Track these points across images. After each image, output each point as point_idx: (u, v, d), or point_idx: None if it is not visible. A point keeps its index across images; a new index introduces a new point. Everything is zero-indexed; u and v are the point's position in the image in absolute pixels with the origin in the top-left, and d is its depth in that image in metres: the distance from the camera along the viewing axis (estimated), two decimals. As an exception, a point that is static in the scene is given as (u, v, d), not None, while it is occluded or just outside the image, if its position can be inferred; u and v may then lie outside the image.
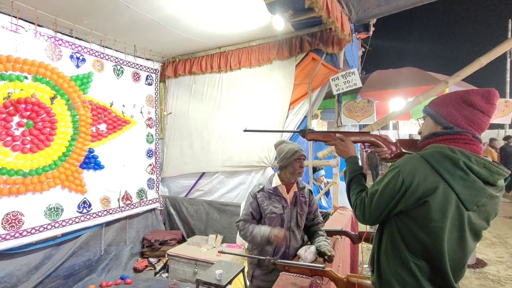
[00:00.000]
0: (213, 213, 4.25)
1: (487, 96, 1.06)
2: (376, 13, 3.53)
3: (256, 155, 3.89)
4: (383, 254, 1.14)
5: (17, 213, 2.84)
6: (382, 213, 1.11)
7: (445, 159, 1.01)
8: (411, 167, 1.04)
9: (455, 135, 1.07)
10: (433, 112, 1.15)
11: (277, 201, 2.01)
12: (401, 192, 1.03)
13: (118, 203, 3.86)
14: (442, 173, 0.99)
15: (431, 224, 0.99)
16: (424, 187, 0.99)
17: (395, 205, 1.06)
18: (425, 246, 1.02)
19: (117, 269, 3.83)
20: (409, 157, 1.08)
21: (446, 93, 1.17)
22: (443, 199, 0.98)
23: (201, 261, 3.57)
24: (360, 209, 1.19)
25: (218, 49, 4.25)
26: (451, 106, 1.10)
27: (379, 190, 1.11)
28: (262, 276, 1.99)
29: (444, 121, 1.11)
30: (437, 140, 1.12)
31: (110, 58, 3.77)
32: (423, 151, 1.09)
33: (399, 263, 1.07)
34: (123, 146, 3.95)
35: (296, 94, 3.80)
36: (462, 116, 1.07)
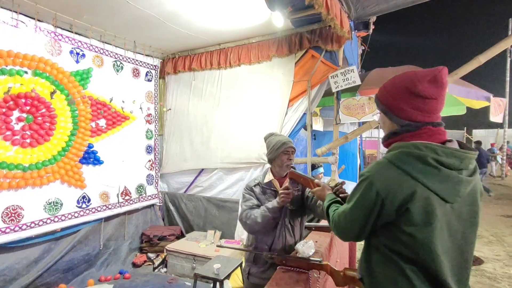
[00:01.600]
0: (212, 209, 4.27)
1: (434, 80, 0.99)
2: (375, 11, 3.54)
3: (255, 152, 3.91)
4: (375, 264, 1.07)
5: (17, 207, 2.86)
6: (361, 227, 1.04)
7: (413, 159, 0.96)
8: (382, 176, 0.98)
9: (415, 131, 1.02)
10: (385, 109, 1.10)
11: (272, 196, 1.99)
12: (379, 205, 0.97)
13: (117, 199, 3.88)
14: (415, 176, 0.93)
15: (418, 230, 0.94)
16: (401, 196, 0.93)
17: (376, 219, 1.00)
18: (417, 252, 0.96)
19: (116, 264, 3.85)
20: (378, 165, 1.02)
21: (391, 82, 1.08)
22: (423, 202, 0.93)
23: (200, 256, 3.60)
24: (336, 226, 1.15)
25: (217, 45, 4.25)
26: (400, 101, 1.03)
27: (352, 204, 1.06)
28: (259, 274, 1.98)
29: (398, 119, 1.05)
30: (397, 139, 1.06)
31: (110, 54, 3.77)
32: (389, 154, 1.02)
33: (395, 272, 1.00)
34: (123, 142, 3.96)
35: (295, 91, 3.81)
36: (414, 109, 1.01)
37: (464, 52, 9.71)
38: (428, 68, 1.03)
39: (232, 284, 3.36)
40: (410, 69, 4.66)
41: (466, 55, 3.09)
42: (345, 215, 1.10)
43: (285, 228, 1.99)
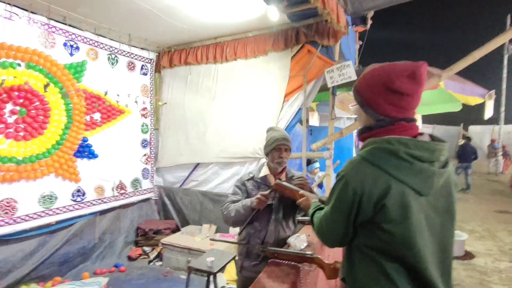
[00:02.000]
0: (207, 204, 4.29)
1: (413, 76, 0.98)
2: (371, 6, 3.54)
3: (251, 147, 3.91)
4: (357, 264, 1.06)
5: (11, 200, 2.86)
6: (344, 228, 1.03)
7: (386, 154, 0.96)
8: (357, 173, 0.98)
9: (388, 126, 1.01)
10: (362, 101, 1.08)
11: (266, 191, 1.97)
12: (356, 203, 0.97)
13: (113, 192, 3.88)
14: (388, 170, 0.93)
15: (395, 226, 0.93)
16: (377, 191, 0.93)
17: (355, 217, 1.00)
18: (397, 248, 0.95)
19: (111, 257, 3.87)
20: (352, 163, 1.02)
21: (370, 74, 1.06)
22: (399, 196, 0.92)
23: (195, 250, 3.62)
24: (319, 231, 1.15)
25: (214, 39, 4.23)
26: (377, 95, 1.02)
27: (331, 206, 1.06)
28: (251, 267, 1.99)
29: (374, 114, 1.04)
30: (371, 134, 1.05)
31: (104, 47, 3.74)
32: (362, 151, 1.02)
33: (376, 271, 0.99)
34: (118, 136, 3.95)
35: (291, 86, 3.81)
36: (390, 105, 1.00)
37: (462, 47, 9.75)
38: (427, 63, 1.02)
39: (226, 277, 3.40)
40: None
41: (464, 50, 3.09)
42: (326, 218, 1.10)
43: (278, 222, 2.01)
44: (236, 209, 1.94)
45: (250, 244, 1.97)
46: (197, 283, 3.31)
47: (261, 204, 1.86)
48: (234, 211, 1.95)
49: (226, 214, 2.00)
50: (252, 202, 1.88)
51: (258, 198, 1.85)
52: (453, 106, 5.14)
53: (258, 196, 1.85)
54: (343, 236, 1.06)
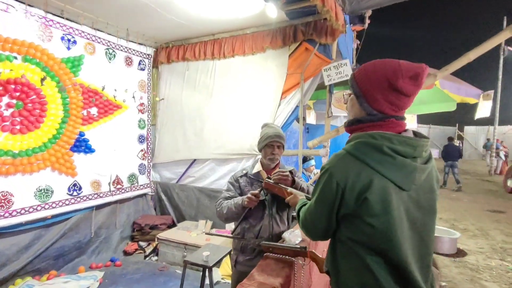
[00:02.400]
0: (204, 199, 4.30)
1: (416, 77, 0.98)
2: (369, 5, 3.55)
3: (248, 143, 3.93)
4: (339, 257, 1.08)
5: (7, 193, 2.86)
6: (327, 220, 1.05)
7: (369, 148, 0.97)
8: (341, 167, 0.99)
9: (379, 121, 1.02)
10: (359, 92, 1.06)
11: (259, 187, 2.01)
12: (339, 196, 0.98)
13: (109, 187, 3.89)
14: (371, 164, 0.95)
15: (377, 219, 0.94)
16: (360, 185, 0.95)
17: (338, 210, 1.01)
18: (378, 241, 0.96)
19: (107, 252, 3.88)
20: (337, 156, 1.03)
21: (373, 67, 1.04)
22: (381, 190, 0.94)
23: (191, 245, 3.64)
24: (303, 224, 1.16)
25: (212, 36, 4.23)
26: (377, 91, 1.01)
27: (316, 198, 1.07)
28: (246, 262, 2.01)
29: (369, 108, 1.04)
30: (360, 127, 1.06)
31: (102, 42, 3.73)
32: (347, 146, 1.03)
33: (358, 263, 1.01)
34: (115, 131, 3.95)
35: (288, 84, 3.83)
36: (387, 102, 1.01)
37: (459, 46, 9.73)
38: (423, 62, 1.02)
39: (222, 272, 3.43)
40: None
41: (461, 49, 3.12)
42: (310, 211, 1.12)
43: (273, 217, 2.03)
44: (228, 206, 1.98)
45: (245, 239, 2.00)
46: (193, 278, 3.34)
47: (251, 203, 1.89)
48: (226, 209, 1.98)
49: (219, 210, 2.04)
50: (243, 200, 1.91)
51: (248, 198, 1.88)
52: (448, 106, 5.20)
53: (249, 196, 1.88)
54: (326, 228, 1.07)
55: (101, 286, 3.19)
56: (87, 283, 3.11)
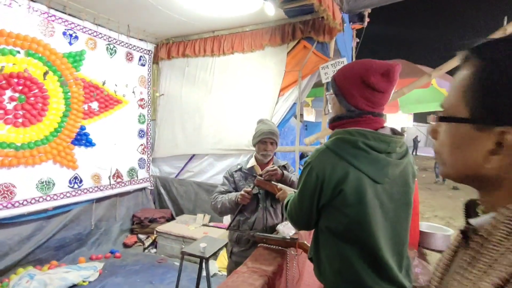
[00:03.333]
0: (202, 194, 4.38)
1: (387, 75, 1.05)
2: (367, 4, 3.60)
3: (246, 139, 3.99)
4: (320, 246, 1.16)
5: (9, 185, 2.93)
6: (309, 211, 1.12)
7: (346, 144, 1.04)
8: (320, 160, 1.07)
9: (356, 117, 1.09)
10: (338, 91, 1.14)
11: (253, 181, 2.07)
12: (319, 187, 1.05)
13: (109, 181, 3.96)
14: (347, 159, 1.02)
15: (352, 209, 1.02)
16: (336, 177, 1.02)
17: (318, 201, 1.08)
18: (353, 230, 1.03)
19: (107, 244, 3.96)
20: (317, 151, 1.11)
21: (349, 67, 1.13)
22: (355, 182, 1.01)
23: (189, 238, 3.72)
24: (289, 215, 1.24)
25: (211, 32, 4.28)
26: (352, 87, 1.09)
27: (299, 190, 1.15)
28: (240, 253, 2.10)
29: (347, 104, 1.11)
30: (340, 124, 1.13)
31: (103, 37, 3.78)
32: (327, 141, 1.11)
33: (336, 252, 1.08)
34: (115, 125, 4.01)
35: (286, 81, 3.88)
36: (362, 98, 1.08)
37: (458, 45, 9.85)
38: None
39: (219, 264, 3.51)
40: (401, 63, 4.77)
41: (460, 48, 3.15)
42: (294, 202, 1.20)
43: (267, 210, 2.10)
44: (222, 202, 2.06)
45: (239, 230, 2.07)
46: (191, 270, 3.42)
47: (244, 200, 1.96)
48: (220, 203, 2.07)
49: (214, 204, 2.12)
50: (236, 197, 1.99)
51: (241, 195, 1.96)
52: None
53: (242, 193, 1.96)
54: (307, 218, 1.15)
55: (101, 276, 3.27)
56: (88, 273, 3.19)
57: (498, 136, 0.43)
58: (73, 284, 3.04)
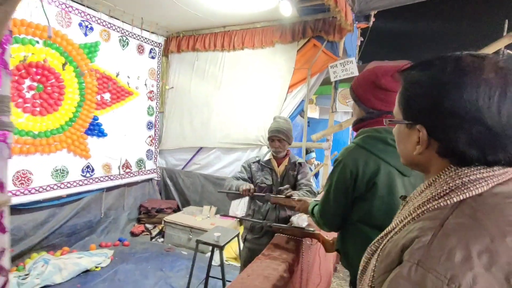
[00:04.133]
0: (209, 186, 4.48)
1: (396, 75, 1.22)
2: (377, 6, 3.69)
3: (253, 134, 4.10)
4: (347, 236, 1.26)
5: (27, 172, 3.01)
6: (344, 208, 1.21)
7: (376, 140, 1.16)
8: (352, 157, 1.16)
9: (377, 118, 1.20)
10: (355, 97, 1.27)
11: (268, 173, 2.26)
12: (353, 181, 1.15)
13: (119, 170, 4.04)
14: (378, 154, 1.13)
15: (382, 200, 1.12)
16: (369, 171, 1.13)
17: (352, 195, 1.18)
18: (382, 221, 1.09)
19: (115, 232, 4.06)
20: (347, 149, 1.20)
21: (362, 74, 1.27)
22: (386, 175, 1.12)
23: (196, 228, 3.83)
24: (321, 216, 1.30)
25: (222, 28, 4.34)
26: (367, 92, 1.22)
27: (333, 187, 1.22)
28: (254, 240, 2.25)
29: (365, 107, 1.23)
30: (363, 124, 1.25)
31: (116, 29, 3.83)
32: (356, 139, 1.23)
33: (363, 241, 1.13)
34: (125, 116, 4.08)
35: (295, 78, 3.98)
36: (378, 100, 1.20)
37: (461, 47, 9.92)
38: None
39: (226, 255, 3.62)
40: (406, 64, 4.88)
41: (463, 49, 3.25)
42: (327, 203, 1.26)
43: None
44: (231, 184, 2.23)
45: (251, 220, 2.19)
46: (198, 259, 3.51)
47: (245, 193, 2.12)
48: (229, 185, 2.24)
49: (226, 184, 2.29)
50: (241, 187, 2.13)
51: (244, 190, 2.11)
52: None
53: (245, 188, 2.11)
54: (343, 214, 1.24)
55: (112, 263, 3.37)
56: (100, 260, 3.29)
57: (417, 132, 0.60)
58: (86, 269, 3.13)
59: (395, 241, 0.57)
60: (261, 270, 1.53)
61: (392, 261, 0.53)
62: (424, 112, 0.59)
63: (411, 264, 0.48)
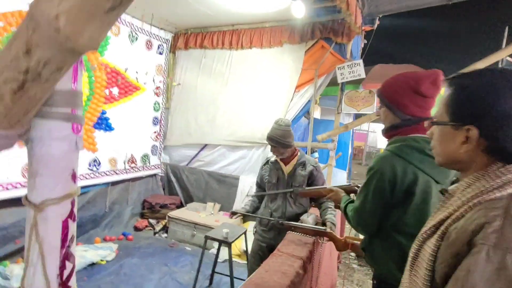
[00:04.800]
0: (213, 183, 4.51)
1: (435, 81, 1.19)
2: (386, 10, 3.74)
3: (259, 132, 4.12)
4: (376, 238, 1.28)
5: (36, 164, 3.01)
6: (380, 214, 1.22)
7: (413, 150, 1.17)
8: (390, 165, 1.17)
9: (414, 125, 1.21)
10: (389, 104, 1.26)
11: (275, 173, 2.33)
12: (391, 190, 1.16)
13: (124, 165, 4.05)
14: (415, 164, 1.15)
15: (417, 208, 1.15)
16: (407, 180, 1.14)
17: (389, 203, 1.19)
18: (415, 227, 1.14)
19: (119, 226, 4.08)
20: (384, 158, 1.21)
21: (396, 80, 1.25)
22: (424, 185, 1.15)
23: (200, 225, 3.86)
24: (357, 219, 1.31)
25: (231, 26, 4.36)
26: (404, 98, 1.21)
27: (370, 195, 1.22)
28: (261, 232, 2.35)
29: (401, 114, 1.23)
30: (398, 132, 1.25)
31: (126, 24, 3.83)
32: (391, 147, 1.22)
33: (392, 244, 1.20)
34: (132, 112, 4.09)
35: (302, 79, 4.01)
36: (416, 106, 1.20)
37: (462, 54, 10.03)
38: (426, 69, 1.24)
39: (230, 251, 3.66)
40: (410, 68, 4.95)
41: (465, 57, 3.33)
42: (364, 208, 1.27)
43: (287, 200, 2.31)
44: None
45: (269, 218, 2.23)
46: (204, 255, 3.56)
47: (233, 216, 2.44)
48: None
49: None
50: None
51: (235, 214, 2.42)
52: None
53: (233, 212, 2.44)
54: (378, 220, 1.25)
55: (117, 256, 3.39)
56: (105, 253, 3.31)
57: (465, 132, 0.68)
58: (92, 263, 3.15)
59: (460, 228, 0.63)
60: (278, 266, 1.57)
61: (462, 245, 0.61)
62: (477, 114, 0.67)
63: (488, 246, 0.56)
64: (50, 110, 0.66)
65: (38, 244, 0.67)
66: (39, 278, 0.67)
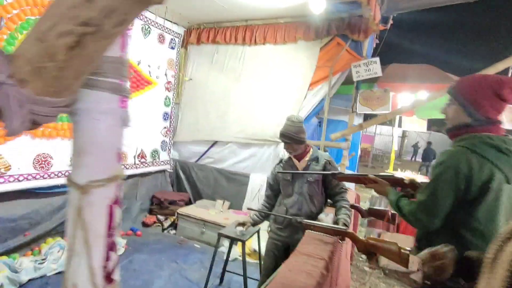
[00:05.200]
0: (222, 180, 4.45)
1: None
2: (405, 7, 3.66)
3: (271, 130, 4.05)
4: (436, 233, 1.26)
5: (47, 156, 2.98)
6: (448, 209, 1.21)
7: (489, 147, 1.18)
8: (466, 160, 1.17)
9: (487, 125, 1.22)
10: (464, 101, 1.25)
11: (290, 170, 2.28)
12: (465, 185, 1.17)
13: (134, 160, 4.01)
14: (492, 161, 1.16)
15: (487, 204, 1.16)
16: (484, 176, 1.15)
17: (462, 198, 1.19)
18: (483, 223, 1.17)
19: (127, 222, 4.03)
20: (457, 153, 1.21)
21: (476, 80, 1.26)
22: (498, 182, 1.16)
23: (210, 222, 3.80)
24: (423, 212, 1.27)
25: (244, 21, 4.30)
26: (483, 99, 1.21)
27: (438, 190, 1.22)
28: (276, 230, 2.30)
29: (476, 114, 1.23)
30: (469, 130, 1.25)
31: (140, 17, 3.79)
32: (465, 143, 1.22)
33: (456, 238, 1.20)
34: (143, 106, 4.05)
35: (316, 76, 3.94)
36: (494, 109, 1.22)
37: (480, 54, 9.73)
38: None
39: (240, 250, 3.60)
40: (428, 68, 4.85)
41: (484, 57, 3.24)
42: (432, 200, 1.24)
43: (303, 197, 2.24)
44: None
45: (288, 217, 2.16)
46: (210, 253, 3.50)
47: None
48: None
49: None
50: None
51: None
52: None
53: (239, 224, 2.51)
54: (445, 215, 1.23)
55: (126, 252, 3.36)
56: (114, 248, 3.26)
57: None
58: (101, 257, 3.11)
59: None
60: (301, 266, 1.51)
61: None
62: None
63: None
64: (98, 79, 0.59)
65: (84, 231, 0.60)
66: (83, 269, 0.60)
